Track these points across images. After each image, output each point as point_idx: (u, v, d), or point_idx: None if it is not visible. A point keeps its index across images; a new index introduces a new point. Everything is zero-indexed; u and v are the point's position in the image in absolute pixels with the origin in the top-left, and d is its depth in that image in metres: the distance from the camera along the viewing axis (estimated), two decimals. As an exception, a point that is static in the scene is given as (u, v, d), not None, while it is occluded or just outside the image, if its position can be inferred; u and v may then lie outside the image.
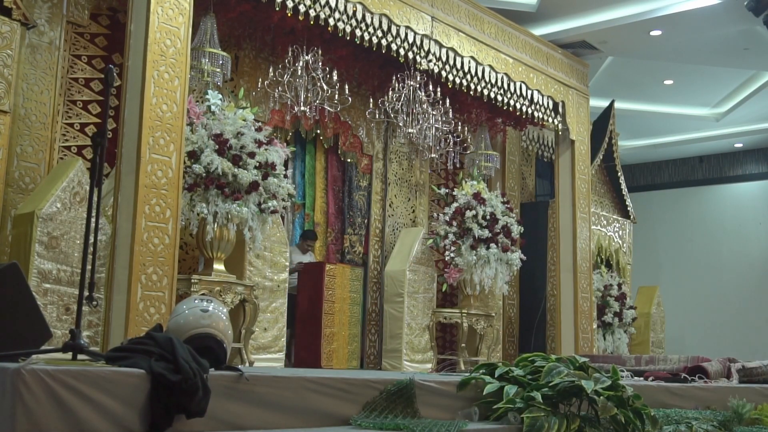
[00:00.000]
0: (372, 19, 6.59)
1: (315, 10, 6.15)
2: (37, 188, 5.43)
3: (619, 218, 10.90)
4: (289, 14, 6.07)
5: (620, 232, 10.77)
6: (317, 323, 7.14)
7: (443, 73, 7.37)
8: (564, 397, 3.72)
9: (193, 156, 5.68)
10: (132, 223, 4.93)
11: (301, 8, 6.07)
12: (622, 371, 4.39)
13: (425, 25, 7.09)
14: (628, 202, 11.25)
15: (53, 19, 5.78)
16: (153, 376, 2.66)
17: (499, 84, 7.94)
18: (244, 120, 6.00)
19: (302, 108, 6.77)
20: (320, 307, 7.16)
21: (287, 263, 6.83)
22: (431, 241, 8.36)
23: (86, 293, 2.92)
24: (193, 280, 5.70)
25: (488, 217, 8.26)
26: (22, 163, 5.54)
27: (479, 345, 8.50)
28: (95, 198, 3.01)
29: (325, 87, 6.81)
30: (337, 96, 6.88)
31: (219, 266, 5.98)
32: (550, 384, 3.71)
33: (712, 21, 8.74)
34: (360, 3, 6.46)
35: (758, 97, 11.39)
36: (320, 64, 6.84)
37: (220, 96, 6.13)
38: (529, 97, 8.31)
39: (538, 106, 8.46)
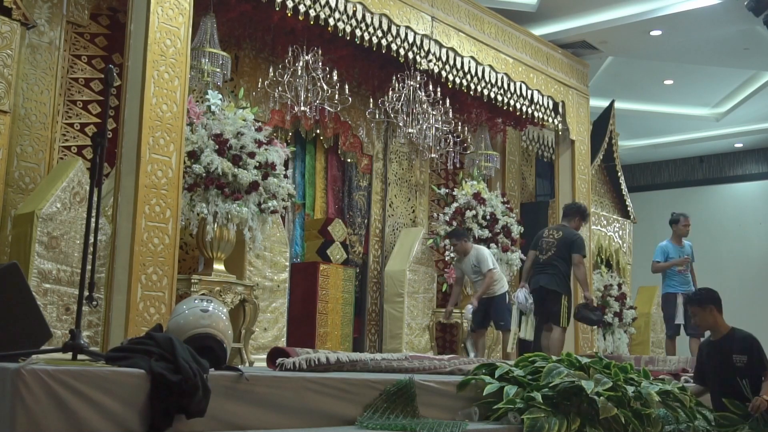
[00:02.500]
0: (372, 19, 6.59)
1: (315, 10, 6.15)
2: (37, 188, 5.43)
3: (619, 218, 10.90)
4: (289, 14, 6.06)
5: (620, 232, 10.77)
6: (311, 323, 7.13)
7: (443, 73, 7.36)
8: (564, 398, 3.73)
9: (193, 156, 5.68)
10: (132, 223, 4.92)
11: (301, 8, 6.06)
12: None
13: (425, 25, 7.09)
14: (628, 202, 11.24)
15: (53, 19, 5.77)
16: (153, 376, 2.67)
17: (499, 84, 7.93)
18: (244, 120, 6.00)
19: (302, 108, 6.77)
20: (314, 307, 7.16)
21: (287, 263, 6.83)
22: (431, 241, 8.36)
23: (86, 293, 2.93)
24: (193, 280, 5.70)
25: (488, 217, 8.26)
26: (22, 163, 5.54)
27: (479, 345, 8.50)
28: (95, 198, 3.01)
29: (325, 87, 6.81)
30: (337, 96, 6.88)
31: (219, 266, 5.98)
32: (551, 384, 3.71)
33: (712, 21, 8.74)
34: (360, 3, 6.46)
35: (758, 97, 11.38)
36: (320, 64, 6.83)
37: (220, 96, 6.12)
38: (529, 97, 8.31)
39: (538, 106, 8.46)
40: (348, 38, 6.54)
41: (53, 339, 4.30)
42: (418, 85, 7.44)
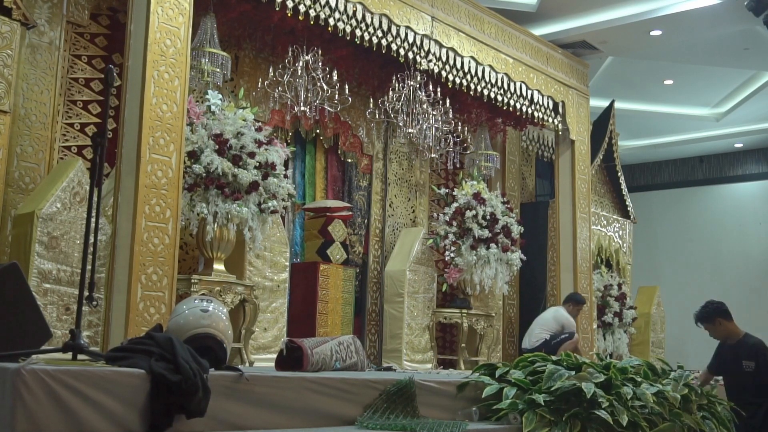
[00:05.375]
0: (372, 19, 6.59)
1: (315, 10, 6.15)
2: (37, 188, 5.43)
3: (619, 218, 10.90)
4: (289, 14, 6.06)
5: (620, 232, 10.77)
6: (311, 323, 7.13)
7: (443, 73, 7.36)
8: (564, 400, 3.72)
9: (193, 156, 5.68)
10: (132, 223, 4.93)
11: (301, 8, 6.06)
12: None
13: (425, 25, 7.09)
14: (628, 202, 11.24)
15: (53, 19, 5.77)
16: (153, 376, 2.67)
17: (499, 84, 7.93)
18: (244, 120, 6.00)
19: (302, 108, 6.76)
20: (314, 307, 7.15)
21: (287, 263, 6.83)
22: (431, 241, 8.36)
23: (86, 293, 2.93)
24: (193, 280, 5.70)
25: (488, 217, 8.25)
26: (22, 163, 5.54)
27: (479, 345, 8.50)
28: (95, 198, 3.01)
29: (325, 87, 6.80)
30: (337, 96, 6.88)
31: (219, 266, 5.98)
32: (551, 389, 3.70)
33: (712, 21, 8.74)
34: (360, 3, 6.46)
35: (758, 97, 11.38)
36: (320, 64, 6.83)
37: (220, 96, 6.12)
38: (529, 97, 8.31)
39: (538, 106, 8.46)
40: (348, 38, 6.54)
41: (53, 339, 4.30)
42: (418, 85, 7.43)
